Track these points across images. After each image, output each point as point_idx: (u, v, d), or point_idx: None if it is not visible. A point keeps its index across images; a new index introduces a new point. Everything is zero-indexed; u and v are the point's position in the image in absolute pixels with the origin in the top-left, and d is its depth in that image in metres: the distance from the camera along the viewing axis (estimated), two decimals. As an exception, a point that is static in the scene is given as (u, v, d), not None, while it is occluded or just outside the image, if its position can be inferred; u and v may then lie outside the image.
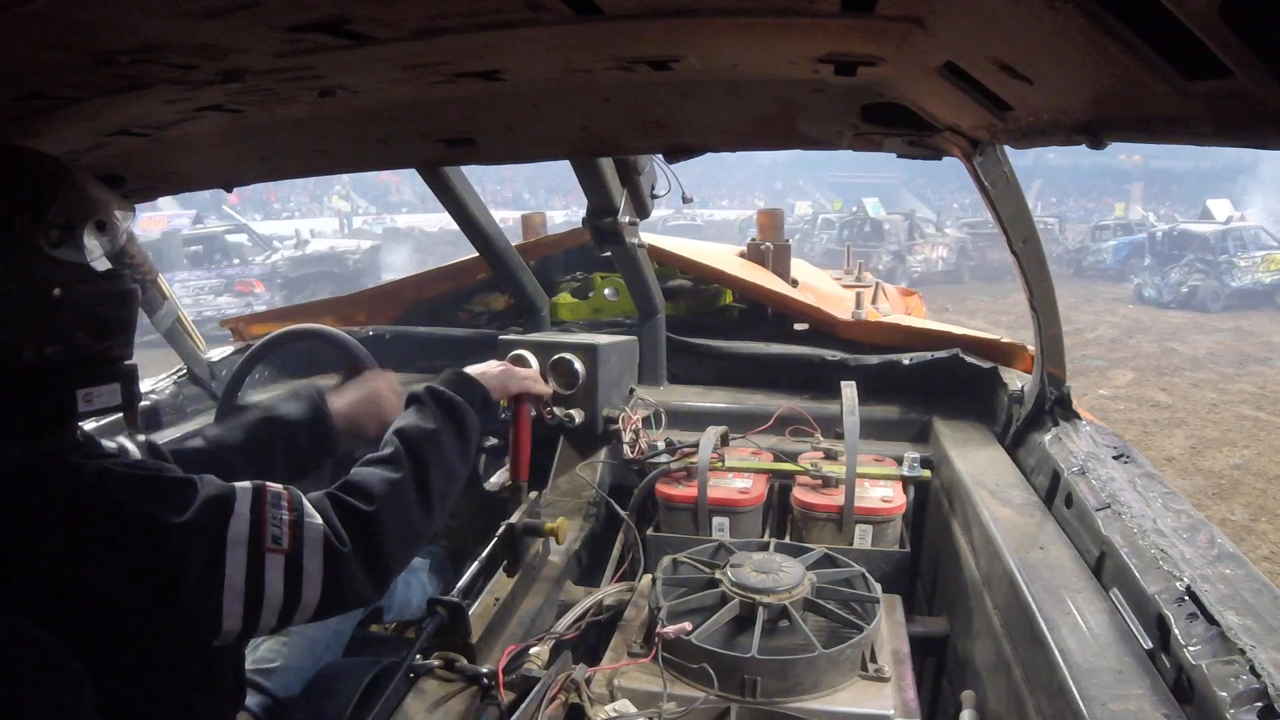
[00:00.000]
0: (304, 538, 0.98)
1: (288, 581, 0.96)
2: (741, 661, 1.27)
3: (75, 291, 0.94)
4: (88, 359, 0.97)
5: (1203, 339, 12.11)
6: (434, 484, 1.15)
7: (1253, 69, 0.56)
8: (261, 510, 0.97)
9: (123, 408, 1.02)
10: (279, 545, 0.96)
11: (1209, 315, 14.24)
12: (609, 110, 1.30)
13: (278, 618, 0.98)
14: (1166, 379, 9.54)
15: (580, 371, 2.02)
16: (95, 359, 0.99)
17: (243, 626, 0.95)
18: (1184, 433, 7.45)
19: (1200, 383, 9.35)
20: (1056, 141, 0.97)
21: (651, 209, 2.19)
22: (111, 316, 1.00)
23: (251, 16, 0.81)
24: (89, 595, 0.90)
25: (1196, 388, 9.12)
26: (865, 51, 0.98)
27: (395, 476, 1.11)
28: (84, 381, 0.97)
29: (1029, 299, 1.68)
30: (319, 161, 1.66)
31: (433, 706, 1.24)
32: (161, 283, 2.28)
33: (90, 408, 0.97)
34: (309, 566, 0.97)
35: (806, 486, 1.88)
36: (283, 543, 0.96)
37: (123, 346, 1.02)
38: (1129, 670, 1.08)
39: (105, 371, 1.00)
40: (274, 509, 0.98)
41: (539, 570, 1.69)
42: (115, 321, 1.00)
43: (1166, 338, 12.08)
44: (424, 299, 3.01)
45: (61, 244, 0.94)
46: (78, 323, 0.95)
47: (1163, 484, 1.49)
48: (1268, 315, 14.26)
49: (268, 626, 0.98)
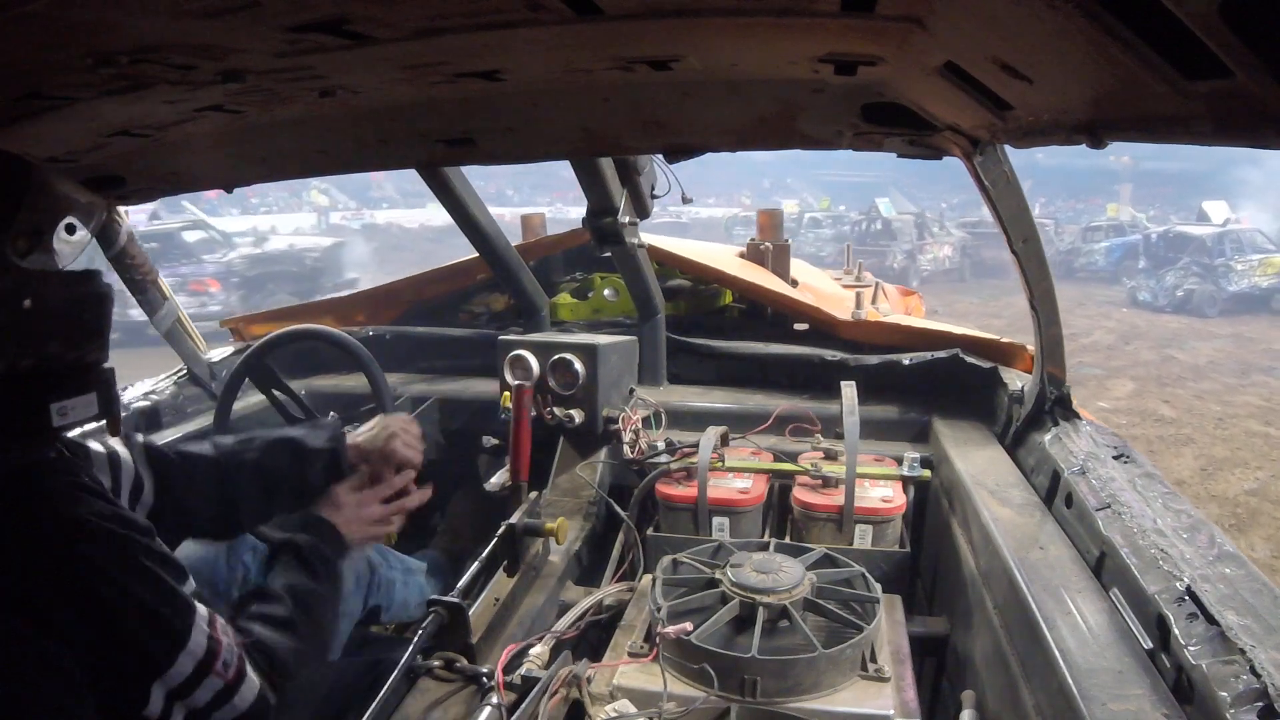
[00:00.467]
0: (247, 675, 1.00)
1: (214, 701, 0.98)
2: (741, 661, 1.27)
3: (47, 300, 0.91)
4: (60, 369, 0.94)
5: (1202, 346, 11.76)
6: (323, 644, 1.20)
7: (1253, 69, 0.56)
8: (215, 633, 0.98)
9: (101, 417, 1.00)
10: (226, 672, 0.98)
11: (1206, 320, 13.95)
12: (609, 110, 1.30)
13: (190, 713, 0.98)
14: (1169, 390, 9.15)
15: (580, 372, 2.02)
16: (69, 368, 0.95)
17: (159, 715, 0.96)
18: (1192, 452, 7.00)
19: (1204, 394, 9.01)
20: (1056, 141, 0.97)
21: (652, 209, 2.19)
22: (86, 321, 0.96)
23: (251, 17, 0.81)
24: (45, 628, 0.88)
25: (1200, 400, 8.77)
26: (865, 51, 0.98)
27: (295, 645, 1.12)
28: (58, 394, 0.93)
29: (1029, 299, 1.68)
30: (319, 161, 1.66)
31: (432, 706, 1.24)
32: (161, 283, 2.28)
33: (65, 421, 0.94)
34: (237, 702, 0.99)
35: (806, 486, 1.88)
36: (229, 672, 0.98)
37: (98, 350, 0.99)
38: (1129, 670, 1.08)
39: (78, 382, 0.96)
40: (225, 636, 0.99)
41: (539, 570, 1.69)
42: (90, 326, 0.97)
43: (1165, 344, 11.77)
44: (424, 299, 3.01)
45: (30, 252, 0.90)
46: (50, 332, 0.92)
47: (1163, 484, 1.49)
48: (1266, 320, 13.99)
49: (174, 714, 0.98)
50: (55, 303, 0.92)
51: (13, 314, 0.88)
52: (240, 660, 1.00)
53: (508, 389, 2.00)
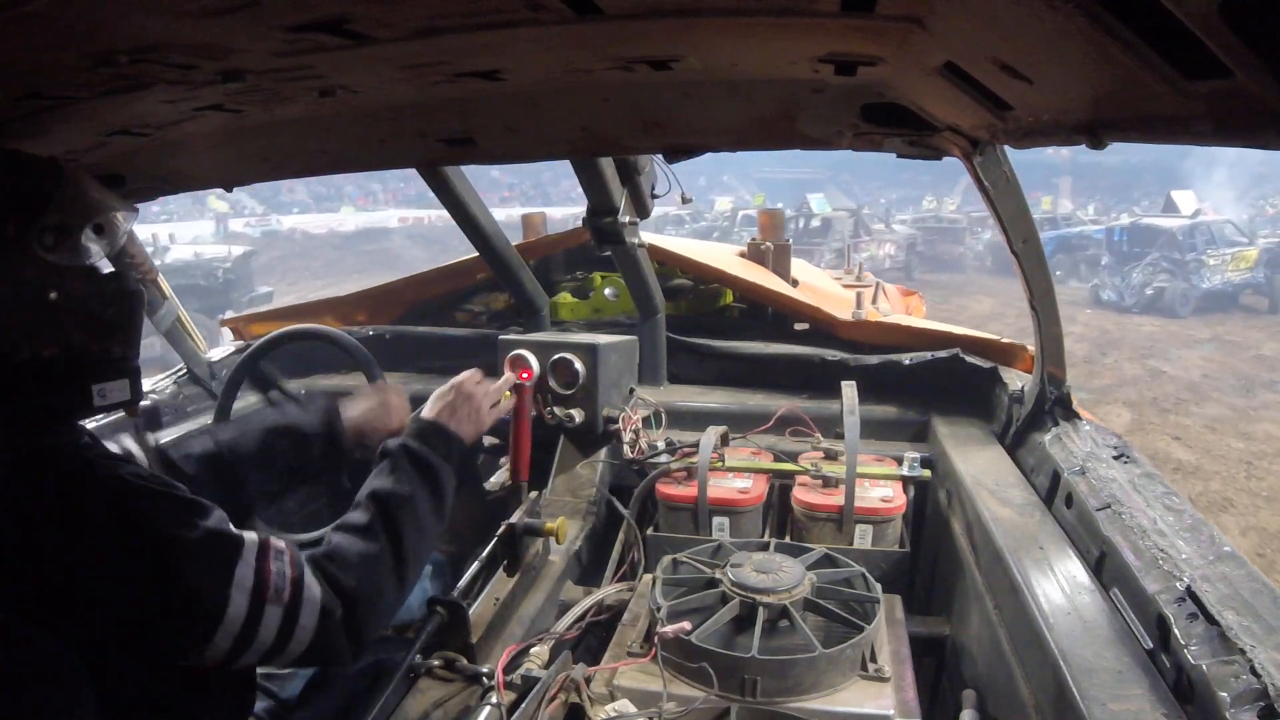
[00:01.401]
0: (303, 595, 1.01)
1: (280, 632, 0.99)
2: (741, 661, 1.27)
3: (72, 294, 0.95)
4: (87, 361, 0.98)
5: (1188, 355, 10.70)
6: (409, 552, 1.17)
7: (1253, 69, 0.56)
8: (265, 561, 0.99)
9: (134, 401, 1.05)
10: (280, 597, 0.98)
11: (1180, 322, 12.86)
12: (609, 110, 1.30)
13: (259, 658, 1.00)
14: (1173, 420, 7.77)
15: (580, 371, 2.02)
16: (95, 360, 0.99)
17: (224, 659, 0.97)
18: (1236, 522, 5.40)
19: (1216, 424, 7.71)
20: (1056, 141, 0.97)
21: (652, 209, 2.19)
22: (111, 318, 1.00)
23: (251, 16, 0.81)
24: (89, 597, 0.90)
25: (1215, 432, 7.48)
26: (865, 51, 0.98)
27: (373, 550, 1.12)
28: (98, 377, 0.99)
29: (1029, 299, 1.68)
30: (319, 161, 1.66)
31: (432, 706, 1.24)
32: (161, 282, 2.28)
33: (105, 401, 1.00)
34: (304, 621, 1.00)
35: (806, 486, 1.88)
36: (284, 596, 0.99)
37: (125, 346, 1.03)
38: (1129, 670, 1.08)
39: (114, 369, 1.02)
40: (277, 562, 1.00)
41: (539, 570, 1.69)
42: (115, 323, 1.01)
43: (1146, 353, 10.65)
44: (424, 299, 3.01)
45: (57, 247, 0.94)
46: (74, 324, 0.96)
47: (1163, 484, 1.49)
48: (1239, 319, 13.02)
49: (245, 663, 1.00)
50: (80, 296, 0.96)
51: (38, 303, 0.93)
52: (295, 582, 1.00)
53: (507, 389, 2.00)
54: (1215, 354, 10.88)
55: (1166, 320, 12.95)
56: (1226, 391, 9.01)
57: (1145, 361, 10.34)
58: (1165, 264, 13.83)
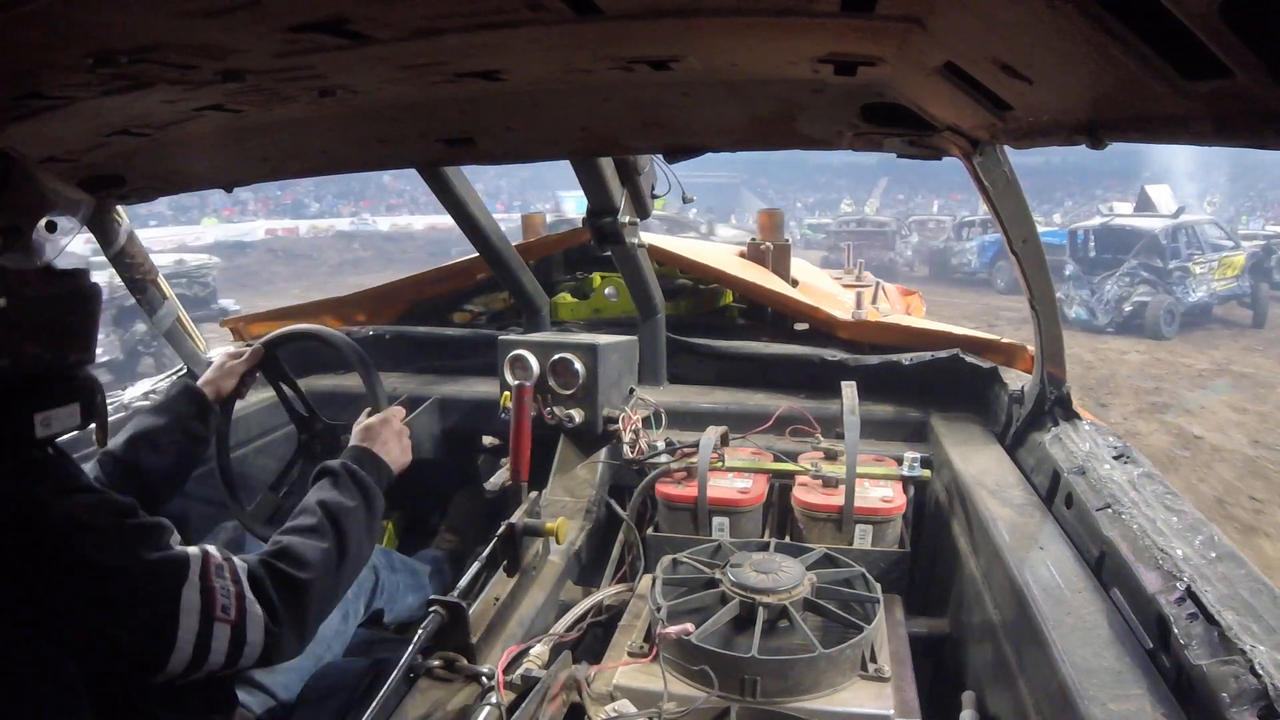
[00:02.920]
0: (248, 610, 1.02)
1: (231, 648, 1.00)
2: (741, 661, 1.27)
3: (24, 300, 0.88)
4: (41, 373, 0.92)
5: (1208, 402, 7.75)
6: (352, 556, 1.21)
7: (1253, 69, 0.56)
8: (209, 580, 0.99)
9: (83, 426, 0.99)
10: (227, 616, 0.99)
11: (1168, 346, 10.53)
12: (609, 110, 1.30)
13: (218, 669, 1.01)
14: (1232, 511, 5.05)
15: (580, 371, 2.02)
16: (50, 372, 0.93)
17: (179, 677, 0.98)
18: None
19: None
20: (1057, 142, 0.97)
21: (652, 209, 2.19)
22: (69, 324, 0.94)
23: (251, 16, 0.81)
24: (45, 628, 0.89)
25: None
26: (865, 51, 0.98)
27: (323, 546, 1.16)
28: (39, 404, 0.92)
29: (1029, 299, 1.68)
30: (319, 161, 1.66)
31: (432, 707, 1.24)
32: (161, 283, 2.28)
33: (49, 432, 0.93)
34: (251, 637, 1.02)
35: (806, 486, 1.88)
36: (230, 614, 1.00)
37: (81, 352, 0.97)
38: (1129, 670, 1.08)
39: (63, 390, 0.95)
40: (220, 579, 1.01)
41: (539, 570, 1.69)
42: (73, 329, 0.95)
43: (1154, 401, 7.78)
44: (424, 299, 3.01)
45: (7, 249, 0.88)
46: (28, 334, 0.89)
47: (1163, 484, 1.49)
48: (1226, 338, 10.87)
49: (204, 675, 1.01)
50: (34, 302, 0.90)
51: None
52: (239, 598, 1.01)
53: (507, 389, 2.00)
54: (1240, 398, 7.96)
55: (1152, 343, 10.68)
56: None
57: (1161, 417, 7.21)
58: (1145, 273, 11.50)
